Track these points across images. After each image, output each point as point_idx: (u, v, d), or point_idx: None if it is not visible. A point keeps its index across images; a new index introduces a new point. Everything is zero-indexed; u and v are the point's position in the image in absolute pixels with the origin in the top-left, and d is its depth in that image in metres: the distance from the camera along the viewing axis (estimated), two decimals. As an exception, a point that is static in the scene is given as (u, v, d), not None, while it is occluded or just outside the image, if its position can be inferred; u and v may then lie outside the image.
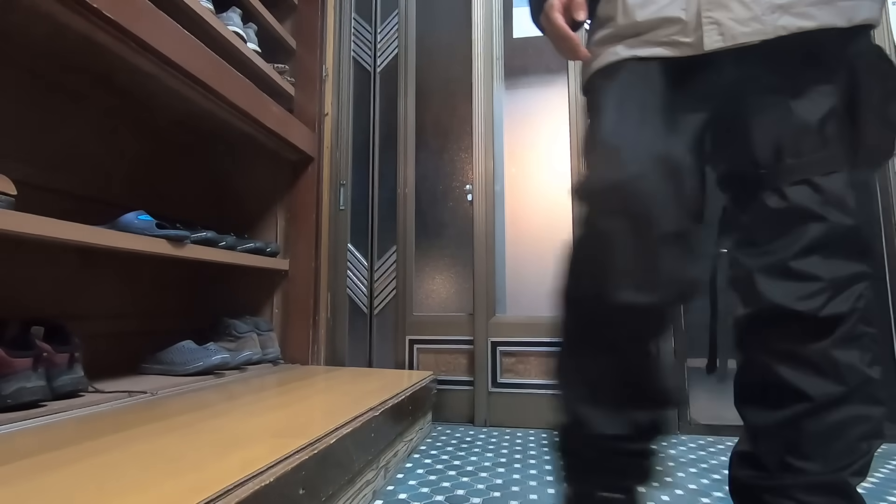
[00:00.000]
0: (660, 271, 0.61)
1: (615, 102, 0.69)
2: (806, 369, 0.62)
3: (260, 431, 0.93)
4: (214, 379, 1.48)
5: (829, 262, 0.62)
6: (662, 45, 0.66)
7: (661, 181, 0.62)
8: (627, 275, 0.61)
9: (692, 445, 1.66)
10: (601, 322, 0.64)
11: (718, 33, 0.63)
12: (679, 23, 0.65)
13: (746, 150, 0.67)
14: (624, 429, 0.65)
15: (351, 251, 2.12)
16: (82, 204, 1.42)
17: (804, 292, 0.62)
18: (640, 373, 0.65)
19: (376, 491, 1.17)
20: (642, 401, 0.66)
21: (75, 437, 0.86)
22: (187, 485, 0.64)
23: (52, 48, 1.20)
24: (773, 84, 0.66)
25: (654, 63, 0.67)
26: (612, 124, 0.68)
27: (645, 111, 0.66)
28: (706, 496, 1.20)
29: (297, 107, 1.99)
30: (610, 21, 0.72)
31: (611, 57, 0.70)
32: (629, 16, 0.69)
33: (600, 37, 0.73)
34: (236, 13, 1.71)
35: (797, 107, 0.64)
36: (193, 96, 1.40)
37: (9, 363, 0.96)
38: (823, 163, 0.63)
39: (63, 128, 1.41)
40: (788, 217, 0.63)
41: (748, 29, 0.62)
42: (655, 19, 0.66)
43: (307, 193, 2.00)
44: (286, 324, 1.95)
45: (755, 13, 0.61)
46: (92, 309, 1.49)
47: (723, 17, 0.63)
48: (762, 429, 0.66)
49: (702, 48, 0.64)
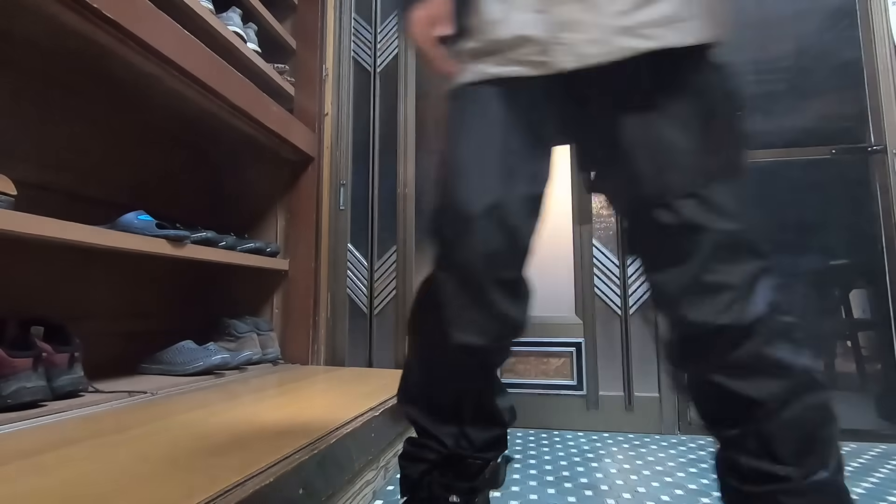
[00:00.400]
0: (490, 317, 0.68)
1: (469, 132, 0.71)
2: (746, 375, 0.63)
3: (260, 431, 0.93)
4: (214, 379, 1.48)
5: (734, 268, 0.63)
6: (522, 65, 0.68)
7: (497, 233, 0.67)
8: (461, 320, 0.68)
9: (692, 445, 1.66)
10: (445, 354, 0.70)
11: (569, 53, 0.65)
12: (535, 42, 0.67)
13: (627, 171, 0.68)
14: (466, 443, 0.72)
15: (351, 251, 2.12)
16: (82, 204, 1.42)
17: (722, 304, 0.63)
18: (479, 397, 0.72)
19: (376, 491, 1.17)
20: (481, 420, 0.73)
21: (75, 437, 0.86)
22: (187, 485, 0.64)
23: (53, 48, 1.20)
24: (637, 102, 0.67)
25: (515, 83, 0.69)
26: (462, 161, 0.70)
27: (496, 147, 0.69)
28: (706, 496, 1.20)
29: (297, 107, 1.99)
30: (472, 34, 0.74)
31: (474, 75, 0.72)
32: (489, 32, 0.71)
33: (464, 50, 0.75)
34: (236, 13, 1.71)
35: (663, 125, 0.66)
36: (193, 96, 1.40)
37: (9, 363, 0.96)
38: (700, 174, 0.65)
39: (63, 127, 1.41)
40: (683, 231, 0.64)
41: (596, 50, 0.64)
42: (513, 38, 0.69)
43: (307, 193, 2.00)
44: (286, 324, 1.95)
45: (603, 35, 0.64)
46: (92, 309, 1.49)
47: (573, 38, 0.65)
48: (730, 441, 0.67)
49: (555, 68, 0.66)
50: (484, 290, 0.67)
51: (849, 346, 2.59)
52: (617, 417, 1.85)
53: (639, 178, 0.66)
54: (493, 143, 0.69)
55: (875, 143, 1.86)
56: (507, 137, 0.70)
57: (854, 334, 2.53)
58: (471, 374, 0.71)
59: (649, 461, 1.48)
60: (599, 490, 1.24)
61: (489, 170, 0.68)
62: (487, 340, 0.69)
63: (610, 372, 1.87)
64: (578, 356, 1.90)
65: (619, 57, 0.63)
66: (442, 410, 0.73)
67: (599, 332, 1.91)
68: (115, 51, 1.14)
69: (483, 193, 0.67)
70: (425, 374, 0.76)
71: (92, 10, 1.00)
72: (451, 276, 0.69)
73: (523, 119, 0.70)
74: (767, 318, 0.63)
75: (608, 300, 1.92)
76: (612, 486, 1.27)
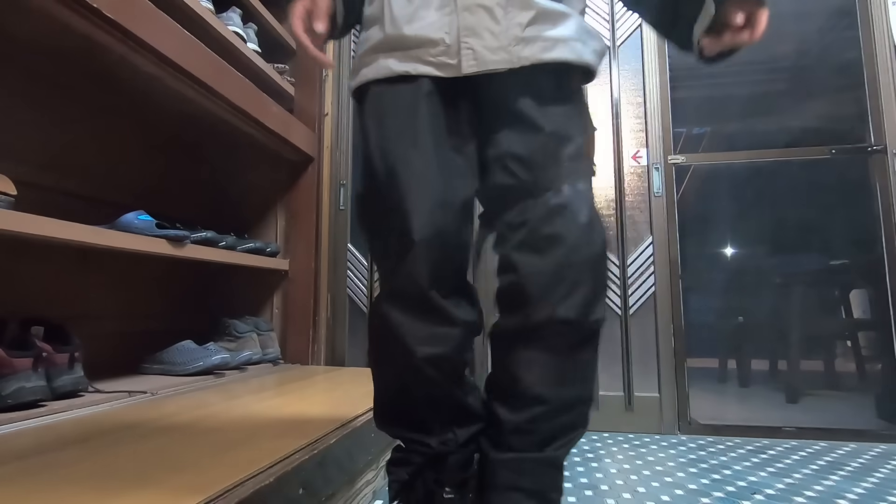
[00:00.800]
0: (446, 325, 0.70)
1: (394, 136, 0.72)
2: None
3: (260, 431, 0.93)
4: (214, 379, 1.48)
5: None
6: (430, 65, 0.71)
7: (440, 251, 0.68)
8: (420, 335, 0.69)
9: (692, 445, 1.66)
10: (411, 371, 0.71)
11: (473, 59, 0.69)
12: (443, 45, 0.70)
13: (512, 165, 0.72)
14: (450, 443, 0.74)
15: (351, 251, 2.12)
16: (82, 204, 1.42)
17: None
18: (453, 401, 0.74)
19: (376, 491, 1.17)
20: (459, 421, 0.75)
21: (75, 437, 0.86)
22: (187, 485, 0.64)
23: (53, 48, 1.20)
24: (524, 108, 0.72)
25: (425, 83, 0.71)
26: (393, 171, 0.70)
27: (425, 152, 0.70)
28: (706, 496, 1.20)
29: (297, 107, 1.99)
30: (378, 26, 0.75)
31: (382, 70, 0.74)
32: (397, 27, 0.72)
33: (371, 44, 0.76)
34: (236, 13, 1.71)
35: (546, 127, 0.71)
36: (193, 96, 1.40)
37: (9, 363, 0.96)
38: (567, 174, 0.70)
39: (63, 128, 1.41)
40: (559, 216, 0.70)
41: (497, 57, 0.69)
42: (422, 37, 0.71)
43: (307, 193, 2.00)
44: (286, 324, 1.95)
45: (502, 43, 0.69)
46: (92, 309, 1.49)
47: (476, 44, 0.69)
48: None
49: (460, 71, 0.70)
50: (433, 302, 0.69)
51: (849, 346, 2.59)
52: (617, 417, 1.85)
53: (516, 174, 0.71)
54: (421, 148, 0.70)
55: (875, 143, 1.86)
56: (431, 139, 0.71)
57: (854, 334, 2.54)
58: (441, 385, 0.72)
59: (649, 461, 1.48)
60: (599, 490, 1.24)
61: (424, 180, 0.69)
62: (449, 347, 0.71)
63: (610, 372, 1.87)
64: (578, 356, 1.90)
65: (517, 65, 0.69)
66: (421, 423, 0.74)
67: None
68: (115, 51, 1.14)
69: (422, 213, 0.68)
70: (397, 395, 0.76)
71: (92, 10, 1.00)
72: (401, 296, 0.70)
73: (440, 119, 0.72)
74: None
75: (608, 300, 1.92)
76: (612, 486, 1.27)
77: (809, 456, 1.54)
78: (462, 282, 0.74)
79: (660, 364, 1.85)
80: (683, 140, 3.24)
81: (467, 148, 0.75)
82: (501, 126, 0.73)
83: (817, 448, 1.63)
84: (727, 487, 1.26)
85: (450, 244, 0.70)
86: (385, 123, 0.73)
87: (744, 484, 1.28)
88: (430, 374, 0.70)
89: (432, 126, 0.71)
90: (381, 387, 0.78)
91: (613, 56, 2.02)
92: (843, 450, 1.61)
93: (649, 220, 1.93)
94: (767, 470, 1.40)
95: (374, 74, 0.74)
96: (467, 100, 0.74)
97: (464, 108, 0.74)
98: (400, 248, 0.68)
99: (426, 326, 0.69)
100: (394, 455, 0.78)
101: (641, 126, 1.98)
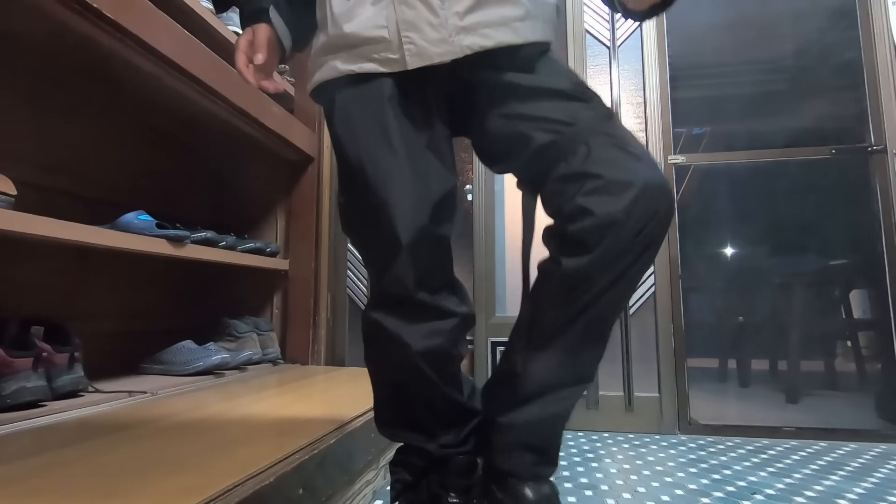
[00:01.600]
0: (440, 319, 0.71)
1: (361, 141, 0.72)
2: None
3: (260, 431, 0.93)
4: (214, 379, 1.48)
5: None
6: (374, 61, 0.71)
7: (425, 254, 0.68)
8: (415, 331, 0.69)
9: (692, 445, 1.66)
10: (408, 369, 0.71)
11: (416, 53, 0.68)
12: (384, 41, 0.70)
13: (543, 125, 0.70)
14: (450, 443, 0.74)
15: (351, 251, 2.12)
16: (82, 204, 1.42)
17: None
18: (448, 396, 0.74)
19: (376, 491, 1.17)
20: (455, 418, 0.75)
21: (75, 437, 0.87)
22: (187, 485, 0.64)
23: (53, 48, 1.20)
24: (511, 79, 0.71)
25: (386, 82, 0.71)
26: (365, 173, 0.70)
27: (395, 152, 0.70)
28: (706, 496, 1.20)
29: (297, 107, 1.99)
30: (324, 28, 0.75)
31: (330, 72, 0.74)
32: (337, 26, 0.72)
33: (318, 46, 0.77)
34: (236, 13, 1.71)
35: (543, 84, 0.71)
36: (193, 96, 1.40)
37: (9, 363, 0.96)
38: (599, 118, 0.70)
39: (63, 128, 1.41)
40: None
41: (439, 49, 0.68)
42: (362, 35, 0.70)
43: (307, 193, 2.00)
44: (286, 324, 1.95)
45: (443, 35, 0.68)
46: (92, 309, 1.49)
47: (417, 38, 0.68)
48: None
49: (405, 66, 0.69)
50: (423, 302, 0.69)
51: (849, 346, 2.59)
52: (617, 417, 1.85)
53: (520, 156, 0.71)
54: (393, 153, 0.70)
55: (875, 143, 1.86)
56: (402, 142, 0.71)
57: (854, 334, 2.54)
58: (436, 380, 0.71)
59: (649, 461, 1.48)
60: (599, 490, 1.24)
61: (400, 186, 0.69)
62: (443, 339, 0.71)
63: (610, 372, 1.87)
64: (578, 356, 1.90)
65: (461, 55, 0.68)
66: (419, 424, 0.75)
67: (599, 332, 1.91)
68: (115, 51, 1.14)
69: (403, 218, 0.67)
70: (395, 395, 0.76)
71: (92, 10, 1.00)
72: (391, 299, 0.70)
73: (409, 118, 0.72)
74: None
75: (608, 300, 1.91)
76: (612, 486, 1.27)
77: (809, 456, 1.54)
78: (449, 277, 0.74)
79: (660, 364, 1.85)
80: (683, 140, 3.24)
81: (440, 141, 0.74)
82: (503, 100, 0.72)
83: (817, 448, 1.63)
84: (727, 487, 1.26)
85: (433, 244, 0.70)
86: (355, 131, 0.73)
87: (744, 484, 1.28)
88: (425, 369, 0.70)
89: (400, 127, 0.71)
90: (380, 389, 0.79)
91: (613, 56, 2.02)
92: (843, 450, 1.61)
93: (649, 220, 1.93)
94: (767, 470, 1.40)
95: (323, 76, 0.75)
96: (436, 87, 0.73)
97: (433, 98, 0.73)
98: (385, 253, 0.69)
99: (419, 324, 0.70)
100: (396, 456, 0.79)
101: (641, 126, 1.98)
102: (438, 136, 0.74)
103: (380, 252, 0.70)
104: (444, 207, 0.72)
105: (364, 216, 0.72)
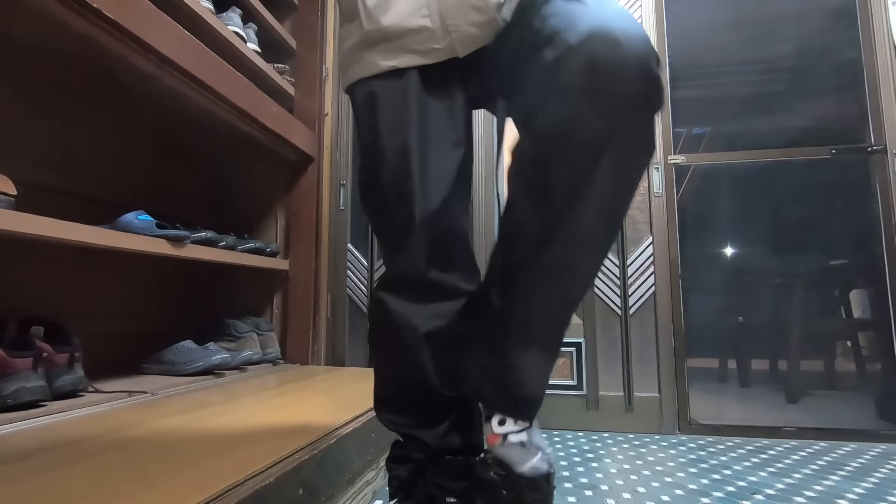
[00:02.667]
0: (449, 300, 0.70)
1: (386, 124, 0.71)
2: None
3: (260, 431, 0.93)
4: (214, 379, 1.48)
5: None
6: (418, 54, 0.69)
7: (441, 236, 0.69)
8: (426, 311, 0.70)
9: (692, 445, 1.66)
10: (411, 351, 0.70)
11: (462, 39, 0.67)
12: (426, 31, 0.68)
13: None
14: (448, 439, 0.73)
15: (351, 251, 2.12)
16: (82, 204, 1.42)
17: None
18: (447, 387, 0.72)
19: (376, 491, 1.17)
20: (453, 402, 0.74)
21: (75, 437, 0.86)
22: (188, 484, 0.64)
23: (52, 48, 1.20)
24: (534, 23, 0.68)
25: (413, 74, 0.70)
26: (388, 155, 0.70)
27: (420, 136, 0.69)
28: (706, 496, 1.20)
29: (297, 107, 1.99)
30: (355, 20, 0.73)
31: (370, 68, 0.72)
32: (373, 20, 0.70)
33: (353, 41, 0.74)
34: (236, 13, 1.71)
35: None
36: (193, 96, 1.40)
37: (9, 363, 0.96)
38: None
39: (63, 127, 1.41)
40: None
41: (485, 32, 0.67)
42: (402, 28, 0.69)
43: (307, 193, 2.00)
44: (286, 324, 1.95)
45: (489, 17, 0.67)
46: (92, 309, 1.49)
47: (462, 23, 0.67)
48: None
49: (456, 53, 0.68)
50: (434, 280, 0.69)
51: (849, 346, 2.59)
52: (617, 417, 1.85)
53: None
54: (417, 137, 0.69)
55: (875, 143, 1.86)
56: (430, 128, 0.70)
57: (854, 334, 2.54)
58: (439, 364, 0.71)
59: (649, 461, 1.48)
60: (599, 490, 1.24)
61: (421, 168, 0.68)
62: (449, 320, 0.71)
63: (610, 372, 1.88)
64: (578, 356, 1.90)
65: (502, 27, 0.67)
66: (418, 408, 0.74)
67: (599, 332, 1.91)
68: (114, 51, 1.14)
69: (419, 197, 0.68)
70: (397, 378, 0.76)
71: (92, 10, 1.00)
72: (403, 277, 0.70)
73: (433, 107, 0.71)
74: None
75: (608, 300, 1.92)
76: (612, 486, 1.27)
77: (809, 456, 1.54)
78: (465, 253, 0.74)
79: (660, 364, 1.85)
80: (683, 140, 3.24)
81: (461, 118, 0.74)
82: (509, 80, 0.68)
83: (817, 448, 1.63)
84: (727, 487, 1.26)
85: (449, 223, 0.70)
86: (381, 115, 0.72)
87: (744, 484, 1.28)
88: (429, 351, 0.70)
89: (425, 114, 0.70)
90: (381, 370, 0.78)
91: (613, 56, 2.02)
92: (843, 450, 1.61)
93: (649, 220, 1.93)
94: (767, 470, 1.40)
95: (361, 73, 0.73)
96: (462, 64, 0.71)
97: (458, 76, 0.72)
98: (400, 231, 0.69)
99: (426, 304, 0.70)
100: (393, 451, 0.78)
101: (641, 126, 1.97)
102: (458, 114, 0.73)
103: (394, 229, 0.70)
104: (459, 187, 0.71)
105: (382, 195, 0.72)
